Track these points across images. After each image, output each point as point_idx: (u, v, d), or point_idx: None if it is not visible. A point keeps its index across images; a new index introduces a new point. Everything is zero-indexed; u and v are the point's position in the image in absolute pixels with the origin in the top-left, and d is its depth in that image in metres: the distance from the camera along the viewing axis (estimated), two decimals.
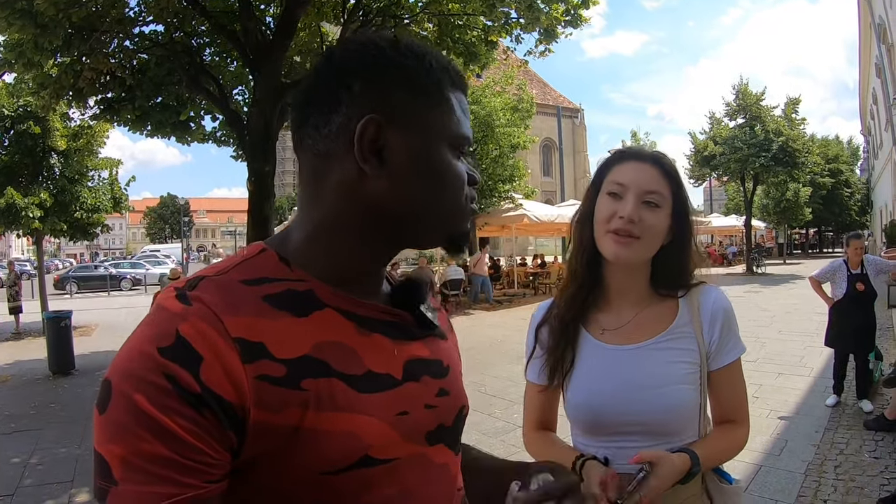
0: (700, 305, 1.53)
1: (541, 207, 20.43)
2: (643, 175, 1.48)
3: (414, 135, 0.87)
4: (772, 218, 36.62)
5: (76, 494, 5.01)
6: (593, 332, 1.57)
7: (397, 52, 0.87)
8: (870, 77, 22.77)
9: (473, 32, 9.78)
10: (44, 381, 9.65)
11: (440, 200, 0.89)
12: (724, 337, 1.51)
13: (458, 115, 0.91)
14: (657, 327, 1.52)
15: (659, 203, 1.47)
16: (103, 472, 0.69)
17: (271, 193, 8.38)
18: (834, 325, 6.69)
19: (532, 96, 21.06)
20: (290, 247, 0.89)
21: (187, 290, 0.78)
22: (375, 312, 0.90)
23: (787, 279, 22.33)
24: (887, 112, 17.55)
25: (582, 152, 69.07)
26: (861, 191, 42.43)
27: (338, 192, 0.87)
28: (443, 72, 0.90)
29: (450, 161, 0.90)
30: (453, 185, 0.90)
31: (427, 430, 0.91)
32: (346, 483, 0.79)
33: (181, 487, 0.68)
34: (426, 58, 0.89)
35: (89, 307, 20.40)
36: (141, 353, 0.72)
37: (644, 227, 1.44)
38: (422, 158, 0.87)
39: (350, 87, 0.85)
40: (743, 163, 25.00)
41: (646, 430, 1.46)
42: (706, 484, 1.52)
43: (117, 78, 9.16)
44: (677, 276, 1.56)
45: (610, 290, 1.58)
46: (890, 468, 4.82)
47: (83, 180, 14.59)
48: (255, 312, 0.78)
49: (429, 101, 0.88)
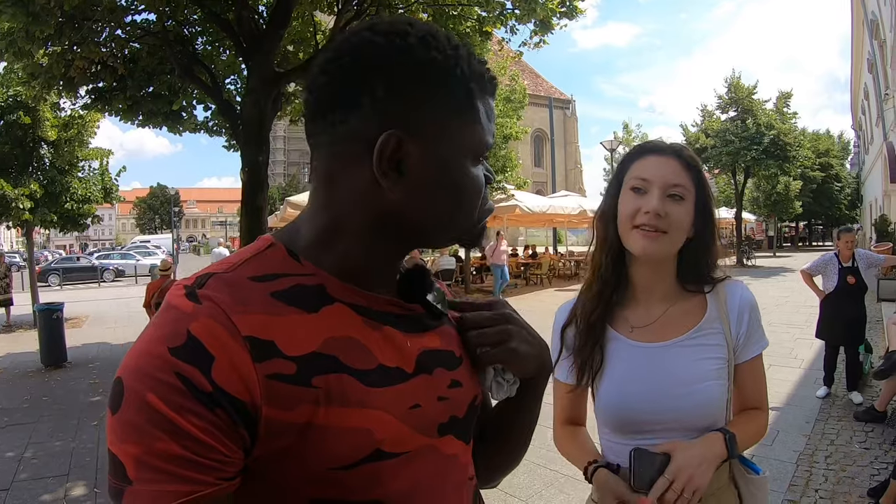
0: (727, 300, 1.53)
1: (532, 198, 20.40)
2: (666, 168, 1.48)
3: (437, 149, 0.84)
4: (762, 211, 36.84)
5: (72, 488, 4.99)
6: (622, 331, 1.56)
7: (429, 53, 0.82)
8: (862, 73, 22.92)
9: (468, 23, 9.73)
10: (36, 373, 9.58)
11: (459, 211, 0.89)
12: (751, 331, 1.53)
13: (484, 123, 0.89)
14: (687, 323, 1.52)
15: (683, 195, 1.46)
16: (118, 472, 0.69)
17: (265, 184, 8.35)
18: (825, 318, 6.74)
19: (524, 87, 21.01)
20: (301, 242, 0.88)
21: (197, 289, 0.77)
22: (386, 305, 0.90)
23: (777, 272, 22.47)
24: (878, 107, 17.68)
25: (573, 143, 69.20)
26: (851, 185, 42.70)
27: (351, 197, 0.85)
28: (475, 79, 0.87)
29: (471, 175, 0.88)
30: (473, 196, 0.89)
31: (439, 423, 0.91)
32: (356, 477, 0.79)
33: (195, 485, 0.68)
34: (460, 63, 0.85)
35: (79, 298, 20.31)
36: (152, 352, 0.72)
37: (671, 221, 1.44)
38: (441, 173, 0.85)
39: (373, 89, 0.81)
40: (734, 156, 25.12)
41: (677, 427, 1.46)
42: (733, 473, 1.54)
43: (109, 67, 9.08)
44: (703, 270, 1.55)
45: (636, 287, 1.57)
46: (880, 458, 4.88)
47: (73, 171, 14.47)
48: (264, 310, 0.78)
49: (456, 115, 0.85)
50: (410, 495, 0.86)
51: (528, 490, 4.56)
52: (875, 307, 11.30)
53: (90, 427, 6.56)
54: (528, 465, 4.90)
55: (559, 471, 4.76)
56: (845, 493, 4.34)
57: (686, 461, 1.35)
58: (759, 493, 1.54)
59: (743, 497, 1.54)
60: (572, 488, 4.52)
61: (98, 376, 9.10)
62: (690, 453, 1.37)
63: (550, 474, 4.75)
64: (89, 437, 6.20)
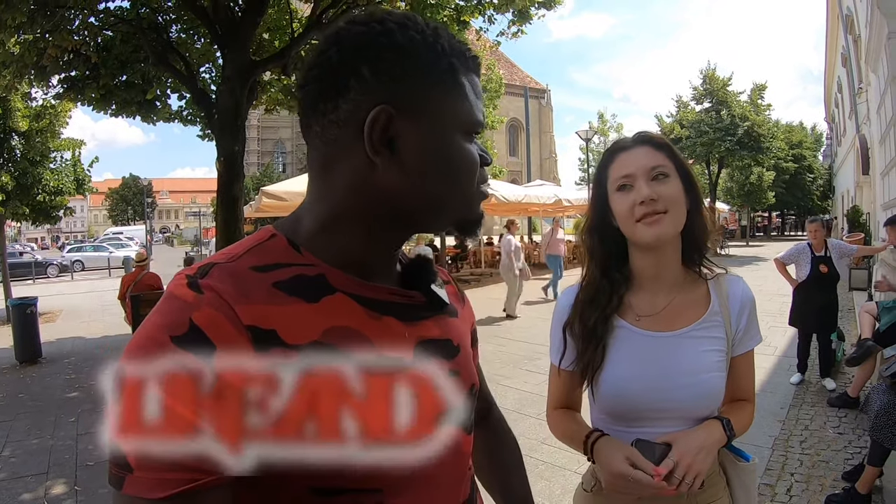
0: (728, 294, 1.56)
1: (507, 187, 20.41)
2: (640, 157, 1.50)
3: (426, 124, 0.85)
4: (736, 201, 37.33)
5: (52, 486, 4.91)
6: (628, 318, 1.57)
7: (408, 34, 0.84)
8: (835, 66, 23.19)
9: (445, 12, 9.69)
10: (11, 370, 9.42)
11: (454, 190, 0.89)
12: (749, 326, 1.57)
13: (472, 99, 0.89)
14: (693, 314, 1.55)
15: (667, 173, 1.48)
16: (118, 460, 0.69)
17: (241, 174, 8.26)
18: (798, 306, 6.87)
19: (500, 76, 21.05)
20: (301, 233, 0.89)
21: (199, 278, 0.78)
22: (386, 295, 0.90)
23: (751, 260, 22.73)
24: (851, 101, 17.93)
25: (548, 133, 69.41)
26: (823, 176, 43.33)
27: (347, 183, 0.86)
28: (456, 55, 0.88)
29: (464, 148, 0.88)
30: (468, 172, 0.89)
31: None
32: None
33: (196, 473, 0.69)
34: (439, 41, 0.86)
35: (52, 292, 20.03)
36: (154, 340, 0.72)
37: (666, 200, 1.45)
38: (435, 148, 0.86)
39: (358, 72, 0.82)
40: (708, 146, 25.46)
41: (677, 416, 1.50)
42: (721, 459, 1.58)
43: (81, 56, 8.92)
44: (703, 242, 1.58)
45: (642, 277, 1.58)
46: (853, 443, 4.98)
47: (45, 162, 14.22)
48: (266, 300, 0.78)
49: (442, 88, 0.86)
50: (411, 483, 0.86)
51: None
52: (847, 296, 11.50)
53: (68, 423, 6.47)
54: None
55: (540, 459, 4.82)
56: (820, 477, 4.43)
57: (687, 448, 1.39)
58: (747, 479, 1.58)
59: (731, 483, 1.58)
60: (552, 474, 4.57)
61: (74, 371, 8.99)
62: (691, 440, 1.41)
63: (531, 462, 4.79)
64: (67, 434, 6.12)
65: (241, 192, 8.23)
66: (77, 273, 32.03)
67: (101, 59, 9.21)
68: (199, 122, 11.59)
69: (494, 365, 8.05)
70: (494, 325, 11.10)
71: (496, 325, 11.10)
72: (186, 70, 9.15)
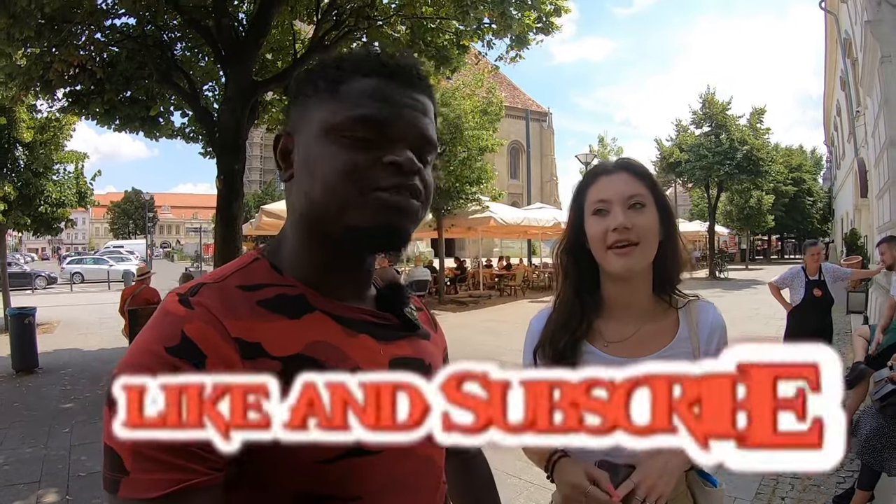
0: (699, 321, 1.57)
1: (507, 210, 20.54)
2: (619, 184, 1.52)
3: (304, 135, 0.93)
4: (735, 224, 37.32)
5: (44, 495, 4.91)
6: (597, 344, 1.58)
7: (312, 68, 0.97)
8: (834, 90, 23.33)
9: (446, 36, 9.86)
10: (7, 379, 9.43)
11: (325, 191, 0.89)
12: (719, 352, 1.56)
13: (356, 100, 0.90)
14: (660, 341, 1.55)
15: (643, 202, 1.50)
16: (114, 465, 0.74)
17: (240, 192, 8.35)
18: (792, 330, 6.87)
19: (501, 99, 21.11)
20: (281, 255, 0.97)
21: (190, 296, 0.84)
22: (361, 315, 0.97)
23: (749, 284, 22.78)
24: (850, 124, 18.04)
25: (549, 156, 69.40)
26: (823, 199, 43.34)
27: (288, 203, 0.99)
28: (348, 67, 0.93)
29: (324, 149, 0.90)
30: (334, 172, 0.88)
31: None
32: (337, 471, 0.84)
33: (189, 474, 0.74)
34: (332, 61, 0.96)
35: (51, 303, 20.00)
36: (149, 351, 0.78)
37: (639, 231, 1.47)
38: (307, 154, 0.92)
39: (290, 107, 0.99)
40: (708, 170, 25.48)
41: None
42: (689, 483, 1.58)
43: (87, 70, 9.05)
44: (675, 273, 1.59)
45: (612, 304, 1.60)
46: (845, 467, 4.96)
47: (48, 174, 14.26)
48: (251, 315, 0.85)
49: (317, 98, 0.93)
50: (388, 493, 0.91)
51: None
52: (844, 319, 11.52)
53: (62, 434, 6.47)
54: (498, 475, 4.86)
55: (530, 480, 4.81)
56: (811, 501, 4.45)
57: (650, 469, 1.39)
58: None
59: None
60: (541, 496, 4.57)
61: (70, 383, 8.98)
62: (654, 462, 1.40)
63: (521, 483, 4.80)
64: (61, 444, 6.12)
65: (240, 209, 8.30)
66: (76, 285, 31.93)
67: (107, 75, 9.34)
68: (201, 140, 11.67)
69: None
70: (486, 347, 11.05)
71: (488, 347, 11.06)
72: (190, 88, 9.27)
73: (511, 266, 23.79)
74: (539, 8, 9.01)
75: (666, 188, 31.36)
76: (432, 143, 0.96)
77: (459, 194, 18.14)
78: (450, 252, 31.48)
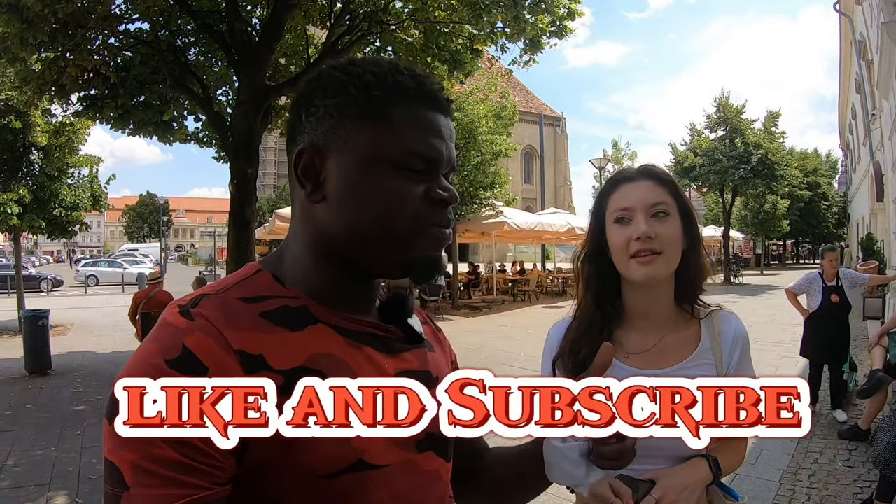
0: (721, 331, 1.53)
1: (521, 215, 20.50)
2: (643, 191, 1.48)
3: (346, 159, 0.88)
4: (750, 229, 37.09)
5: (53, 497, 4.94)
6: (618, 356, 1.50)
7: (334, 75, 0.90)
8: (849, 92, 23.14)
9: (459, 40, 9.84)
10: (20, 380, 9.51)
11: (378, 224, 0.88)
12: (742, 363, 1.53)
13: (406, 132, 0.89)
14: (682, 352, 1.52)
15: (667, 211, 1.46)
16: (114, 479, 0.72)
17: (253, 196, 8.36)
18: (809, 337, 6.81)
19: (515, 104, 21.09)
20: (284, 267, 0.94)
21: (190, 308, 0.82)
22: (365, 327, 0.93)
23: (764, 289, 22.60)
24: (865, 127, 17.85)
25: (563, 160, 69.33)
26: (838, 203, 43.00)
27: (300, 218, 0.94)
28: (391, 87, 0.89)
29: (386, 182, 0.88)
30: (390, 206, 0.88)
31: (417, 439, 0.92)
32: (342, 486, 0.82)
33: (191, 489, 0.71)
34: (365, 77, 0.89)
35: (65, 306, 20.16)
36: (149, 364, 0.76)
37: (663, 240, 1.43)
38: (352, 181, 0.88)
39: (300, 118, 0.91)
40: (722, 174, 25.31)
41: (663, 455, 1.45)
42: (710, 498, 1.52)
43: (101, 75, 9.10)
44: (698, 283, 1.55)
45: (633, 314, 1.56)
46: (863, 477, 4.90)
47: (63, 177, 14.35)
48: (253, 327, 0.82)
49: (363, 122, 0.88)
50: None
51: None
52: (861, 325, 11.37)
53: (73, 436, 6.49)
54: None
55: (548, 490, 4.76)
56: None
57: (671, 484, 1.36)
58: None
59: None
60: (556, 496, 4.52)
61: (82, 385, 9.04)
62: (675, 478, 1.38)
63: None
64: (72, 447, 6.14)
65: (253, 214, 8.31)
66: (91, 288, 32.15)
67: (120, 80, 9.40)
68: (214, 145, 11.72)
69: None
70: (502, 353, 11.00)
71: (504, 353, 10.99)
72: (203, 93, 9.31)
73: (525, 271, 23.71)
74: (552, 11, 8.98)
75: None
76: (455, 168, 0.98)
77: (473, 199, 18.15)
78: (463, 257, 31.39)
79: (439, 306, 17.50)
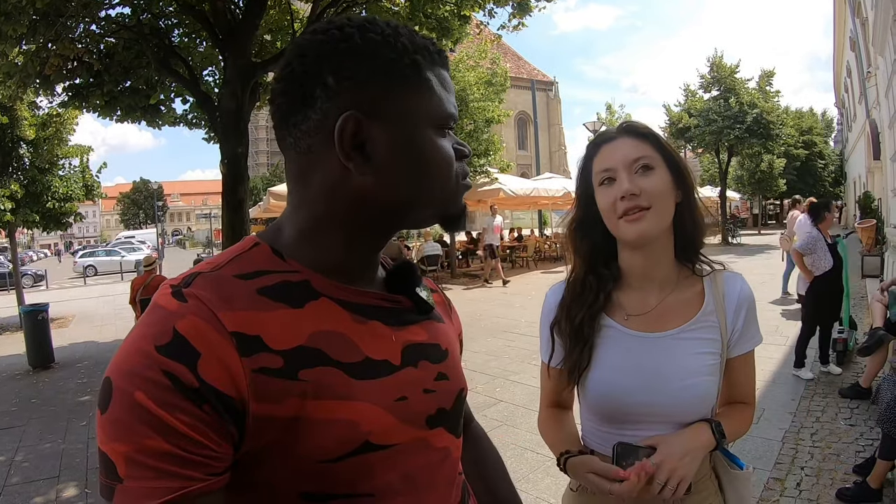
0: (725, 293, 1.49)
1: (516, 181, 20.35)
2: (622, 149, 1.44)
3: (395, 125, 0.85)
4: (746, 189, 37.02)
5: (63, 490, 4.97)
6: (616, 318, 1.51)
7: (367, 36, 0.84)
8: (844, 51, 22.99)
9: (446, 7, 9.64)
10: (24, 375, 9.53)
11: (431, 187, 0.89)
12: (747, 326, 1.49)
13: (440, 93, 0.89)
14: (684, 314, 1.48)
15: (651, 164, 1.42)
16: (108, 470, 0.71)
17: (245, 176, 8.26)
18: (824, 300, 6.58)
19: (506, 70, 20.89)
20: (283, 240, 0.90)
21: (182, 288, 0.79)
22: (371, 299, 0.91)
23: (762, 249, 22.58)
24: (861, 85, 17.75)
25: (557, 125, 69.25)
26: (835, 162, 42.87)
27: (325, 190, 0.87)
28: (419, 51, 0.88)
29: (436, 145, 0.88)
30: (442, 168, 0.89)
31: (427, 415, 0.92)
32: (346, 470, 0.80)
33: (185, 481, 0.70)
34: (399, 39, 0.86)
35: (65, 298, 20.18)
36: (139, 351, 0.73)
37: (649, 195, 1.39)
38: (406, 148, 0.86)
39: (324, 81, 0.83)
40: (717, 135, 25.16)
41: (665, 420, 1.43)
42: (714, 465, 1.51)
43: (85, 63, 8.98)
44: (696, 236, 1.51)
45: (632, 274, 1.52)
46: (865, 435, 4.92)
47: (54, 169, 14.25)
48: (250, 306, 0.79)
49: (407, 87, 0.86)
50: (401, 488, 0.87)
51: (516, 474, 4.55)
52: (860, 284, 11.38)
53: (79, 427, 6.53)
54: (516, 450, 4.93)
55: (547, 454, 4.77)
56: (831, 471, 4.38)
57: (671, 451, 1.33)
58: (741, 487, 1.50)
59: (724, 489, 1.51)
60: (559, 472, 4.54)
61: (86, 376, 9.07)
62: (675, 444, 1.35)
63: (538, 458, 4.76)
64: (78, 438, 6.18)
65: (245, 193, 8.23)
66: (90, 278, 32.15)
67: (105, 66, 9.25)
68: (203, 125, 11.61)
69: (503, 360, 8.05)
70: (503, 320, 10.96)
71: (505, 320, 10.96)
72: (189, 74, 9.18)
73: (522, 237, 23.67)
74: None
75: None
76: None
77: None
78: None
79: (438, 276, 17.53)
